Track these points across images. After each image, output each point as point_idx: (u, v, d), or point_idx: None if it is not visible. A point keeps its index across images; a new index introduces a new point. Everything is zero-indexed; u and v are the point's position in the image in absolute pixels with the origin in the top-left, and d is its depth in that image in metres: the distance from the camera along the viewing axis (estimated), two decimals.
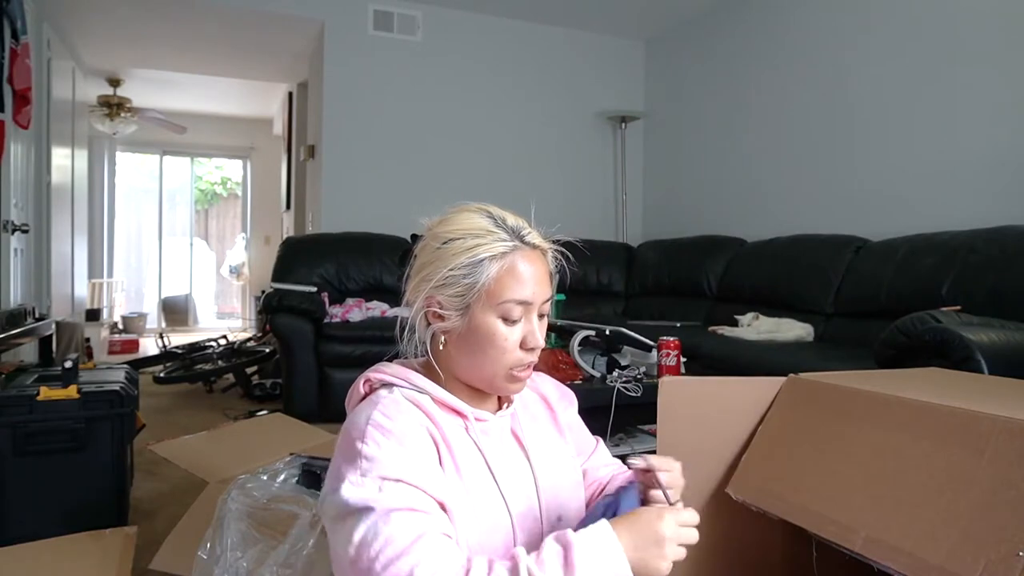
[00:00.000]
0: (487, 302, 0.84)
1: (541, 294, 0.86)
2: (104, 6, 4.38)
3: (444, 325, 0.86)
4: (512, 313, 0.84)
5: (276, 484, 1.55)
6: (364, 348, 3.42)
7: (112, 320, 6.95)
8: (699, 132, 4.67)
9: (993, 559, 0.81)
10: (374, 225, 4.31)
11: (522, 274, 0.84)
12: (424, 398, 0.86)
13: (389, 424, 0.79)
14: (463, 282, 0.83)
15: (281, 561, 1.28)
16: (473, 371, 0.88)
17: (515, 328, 0.85)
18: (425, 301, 0.86)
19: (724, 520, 1.27)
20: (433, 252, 0.86)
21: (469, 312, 0.84)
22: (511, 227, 0.86)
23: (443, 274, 0.84)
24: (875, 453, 1.06)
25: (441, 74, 4.65)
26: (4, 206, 3.27)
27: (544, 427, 0.99)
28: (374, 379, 0.89)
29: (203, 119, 7.67)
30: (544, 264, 0.88)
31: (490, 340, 0.85)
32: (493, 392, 0.91)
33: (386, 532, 0.70)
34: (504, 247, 0.84)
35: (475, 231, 0.85)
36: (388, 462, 0.75)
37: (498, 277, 0.83)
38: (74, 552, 1.57)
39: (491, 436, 0.90)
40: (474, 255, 0.83)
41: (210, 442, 2.25)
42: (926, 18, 3.15)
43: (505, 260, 0.84)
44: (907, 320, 1.93)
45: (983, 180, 2.89)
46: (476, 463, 0.86)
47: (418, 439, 0.80)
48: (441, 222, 0.89)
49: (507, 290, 0.83)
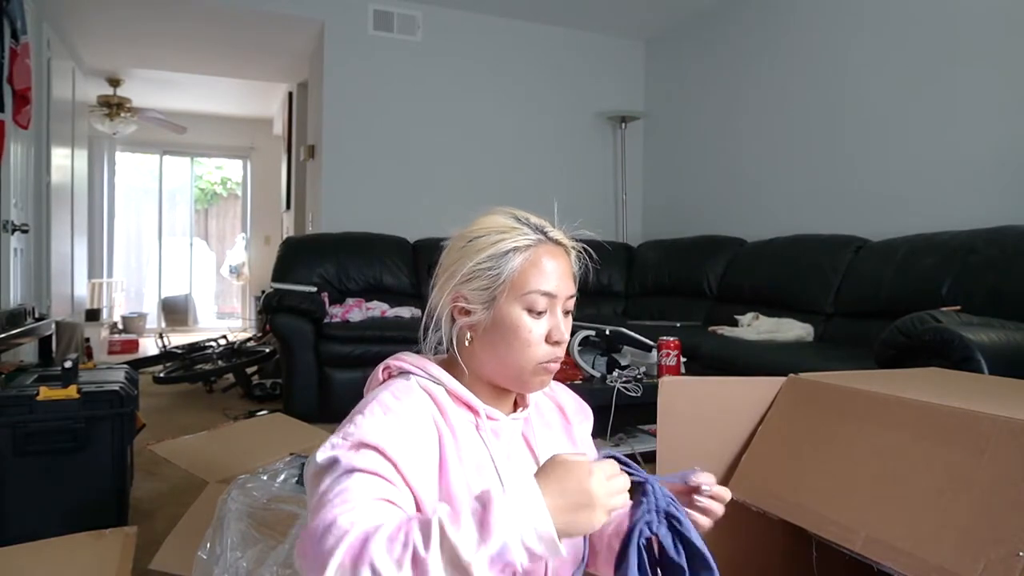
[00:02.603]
0: (512, 293, 0.85)
1: (565, 288, 0.88)
2: (104, 6, 4.38)
3: (470, 320, 0.87)
4: (537, 304, 0.85)
5: (276, 484, 1.55)
6: (364, 348, 3.42)
7: (112, 320, 6.95)
8: (699, 132, 4.67)
9: (993, 559, 0.81)
10: (374, 225, 4.31)
11: (546, 267, 0.86)
12: (439, 389, 0.87)
13: (393, 404, 0.81)
14: (488, 274, 0.85)
15: (281, 561, 1.28)
16: (499, 366, 0.88)
17: (540, 321, 0.86)
18: (450, 297, 0.88)
19: (724, 520, 1.27)
20: (458, 251, 0.88)
21: (495, 305, 0.85)
22: (535, 224, 0.89)
23: (468, 268, 0.85)
24: (875, 453, 1.06)
25: (441, 74, 4.65)
26: (4, 206, 3.27)
27: (557, 436, 0.99)
28: (393, 367, 0.91)
29: (203, 119, 7.67)
30: (567, 261, 0.90)
31: (515, 332, 0.85)
32: (520, 389, 0.91)
33: (344, 484, 0.71)
34: (528, 240, 0.86)
35: (499, 228, 0.87)
36: (372, 430, 0.76)
37: (522, 269, 0.85)
38: (74, 552, 1.57)
39: (501, 438, 0.90)
40: (498, 248, 0.85)
41: (210, 442, 2.24)
42: (926, 18, 3.15)
43: (529, 252, 0.86)
44: (907, 320, 1.93)
45: (983, 180, 2.89)
46: (483, 461, 0.85)
47: (417, 424, 0.81)
48: (466, 228, 0.91)
49: (531, 281, 0.85)
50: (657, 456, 1.24)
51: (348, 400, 3.39)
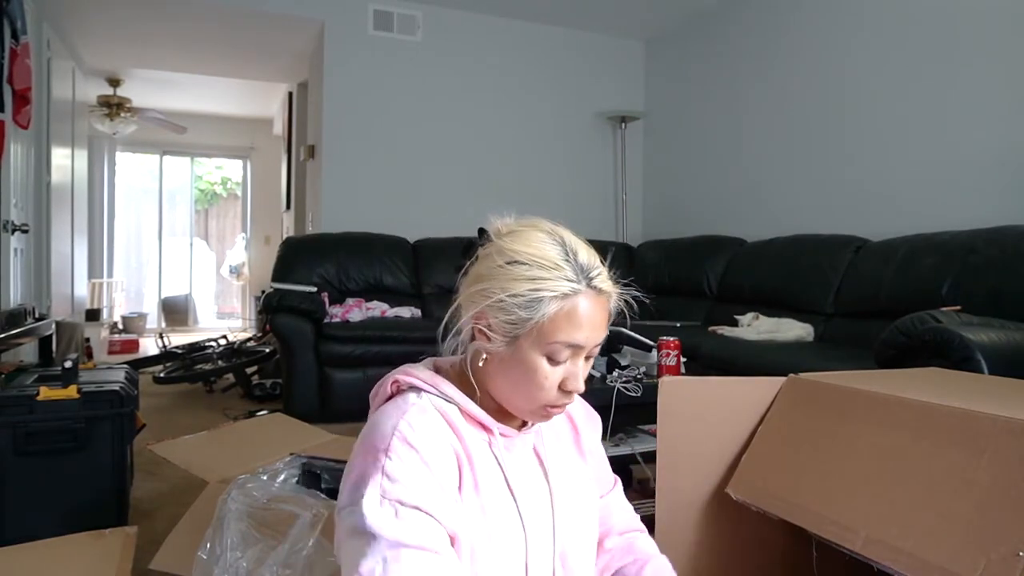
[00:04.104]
0: (537, 339, 0.80)
1: (594, 339, 0.83)
2: (104, 6, 4.38)
3: (488, 347, 0.83)
4: (559, 355, 0.81)
5: (276, 484, 1.55)
6: (364, 348, 3.42)
7: (112, 320, 6.95)
8: (699, 132, 4.67)
9: (993, 559, 0.81)
10: (374, 225, 4.31)
11: (580, 318, 0.80)
12: (451, 408, 0.85)
13: (414, 438, 0.78)
14: (518, 313, 0.79)
15: (281, 561, 1.28)
16: (506, 394, 0.86)
17: (558, 368, 0.82)
18: (476, 316, 0.83)
19: (724, 520, 1.27)
20: (495, 268, 0.82)
21: (516, 343, 0.81)
22: (581, 264, 0.82)
23: (499, 297, 0.80)
24: (875, 453, 1.06)
25: (441, 74, 4.65)
26: (4, 206, 3.27)
27: (566, 447, 0.98)
28: (403, 381, 0.87)
29: (203, 119, 7.67)
30: (606, 309, 0.84)
31: (530, 376, 0.82)
32: (520, 417, 0.90)
33: (393, 572, 0.71)
34: (568, 287, 0.80)
35: (543, 261, 0.80)
36: (409, 485, 0.75)
37: (554, 316, 0.79)
38: (74, 552, 1.57)
39: (513, 453, 0.89)
40: (536, 291, 0.79)
41: (210, 442, 2.24)
42: (926, 18, 3.15)
43: (566, 302, 0.79)
44: (907, 320, 1.93)
45: (983, 180, 2.89)
46: (496, 480, 0.85)
47: (442, 459, 0.79)
48: (510, 234, 0.85)
49: (560, 332, 0.80)
50: (657, 456, 1.24)
51: (348, 400, 3.42)
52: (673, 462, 1.25)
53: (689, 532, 1.26)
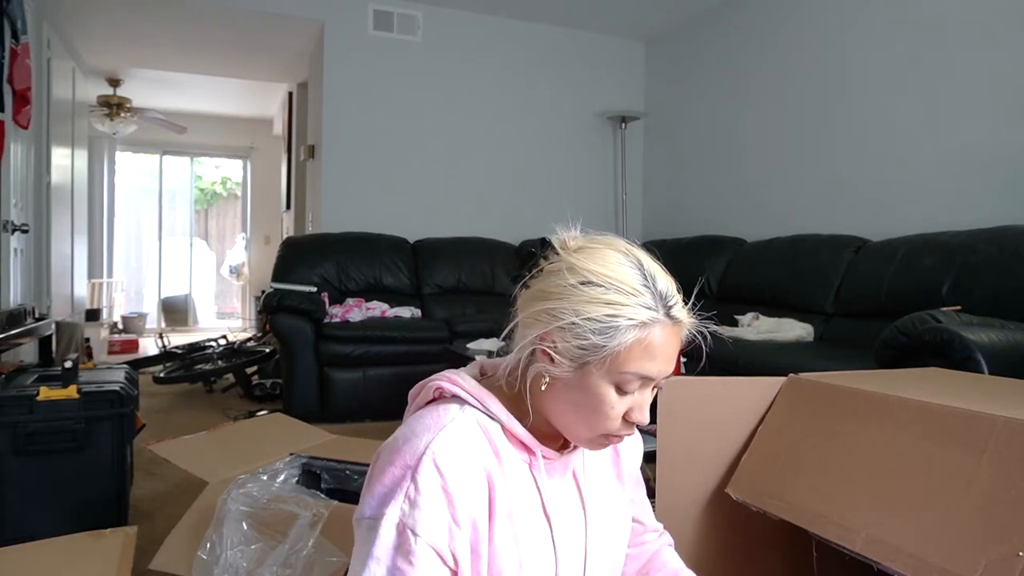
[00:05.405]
0: (608, 368, 0.75)
1: (666, 371, 0.78)
2: (104, 6, 4.38)
3: (552, 369, 0.77)
4: (629, 386, 0.76)
5: (276, 484, 1.55)
6: (364, 348, 3.42)
7: (112, 320, 6.95)
8: (699, 132, 4.67)
9: (993, 559, 0.81)
10: (374, 225, 4.31)
11: (656, 349, 0.75)
12: (494, 427, 0.80)
13: (446, 465, 0.74)
14: (591, 339, 0.74)
15: (281, 561, 1.28)
16: (564, 420, 0.81)
17: (626, 399, 0.77)
18: (541, 336, 0.77)
19: (724, 520, 1.27)
20: (566, 287, 0.76)
21: (584, 369, 0.76)
22: (660, 291, 0.76)
23: (572, 320, 0.74)
24: (875, 453, 1.06)
25: (441, 74, 4.65)
26: (4, 206, 3.27)
27: (605, 472, 0.94)
28: (447, 390, 0.82)
29: (203, 119, 7.66)
30: (679, 339, 0.79)
31: (595, 405, 0.77)
32: (575, 443, 0.86)
33: None
34: (647, 316, 0.75)
35: (620, 285, 0.75)
36: (428, 519, 0.72)
37: (629, 347, 0.74)
38: (74, 552, 1.57)
39: (553, 477, 0.85)
40: (613, 318, 0.74)
41: (210, 442, 2.24)
42: (926, 18, 3.15)
43: (644, 332, 0.74)
44: (907, 320, 1.93)
45: (983, 180, 2.89)
46: (532, 505, 0.82)
47: (469, 487, 0.75)
48: (581, 251, 0.80)
49: (634, 363, 0.75)
50: (657, 456, 1.24)
51: (348, 400, 3.42)
52: (673, 462, 1.25)
53: (689, 532, 1.26)
